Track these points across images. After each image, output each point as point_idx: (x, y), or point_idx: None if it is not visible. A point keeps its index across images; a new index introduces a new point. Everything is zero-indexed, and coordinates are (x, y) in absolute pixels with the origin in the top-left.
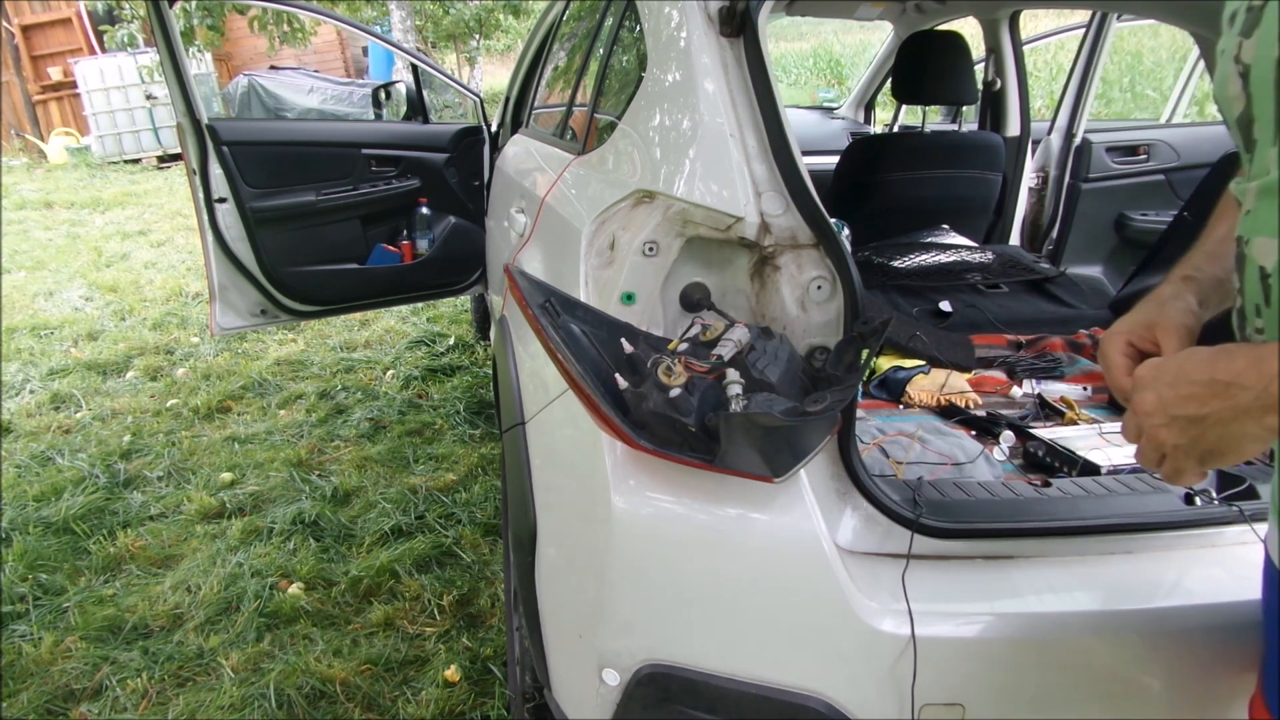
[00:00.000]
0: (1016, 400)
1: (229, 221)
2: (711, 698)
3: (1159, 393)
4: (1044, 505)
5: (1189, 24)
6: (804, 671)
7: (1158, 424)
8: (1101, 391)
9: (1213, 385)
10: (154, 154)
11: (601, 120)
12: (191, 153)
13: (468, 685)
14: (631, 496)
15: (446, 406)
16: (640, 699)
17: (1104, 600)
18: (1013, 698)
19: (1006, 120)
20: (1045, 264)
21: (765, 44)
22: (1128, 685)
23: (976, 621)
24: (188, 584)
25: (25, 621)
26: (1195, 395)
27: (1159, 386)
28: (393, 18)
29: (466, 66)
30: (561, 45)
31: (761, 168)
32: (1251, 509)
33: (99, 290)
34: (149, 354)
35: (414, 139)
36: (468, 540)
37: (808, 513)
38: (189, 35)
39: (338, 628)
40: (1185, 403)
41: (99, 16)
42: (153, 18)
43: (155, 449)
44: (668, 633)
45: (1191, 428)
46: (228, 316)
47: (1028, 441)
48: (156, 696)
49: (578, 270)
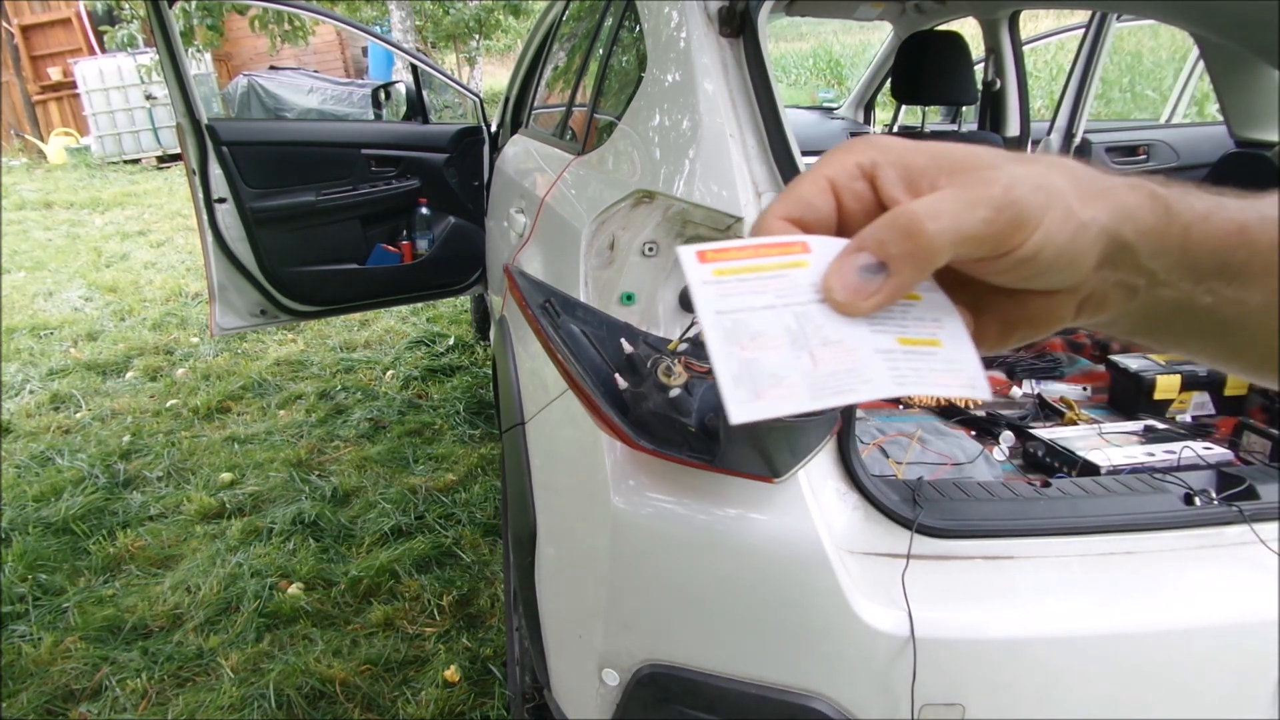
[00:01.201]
0: (1016, 400)
1: (229, 222)
2: (711, 698)
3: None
4: (1044, 505)
5: (1189, 24)
6: (803, 671)
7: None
8: (1101, 391)
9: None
10: (154, 154)
11: (601, 120)
12: (191, 153)
13: (467, 685)
14: (631, 496)
15: (446, 407)
16: (640, 699)
17: (1104, 600)
18: (1013, 698)
19: (1006, 120)
20: None
21: (765, 44)
22: (1127, 685)
23: (976, 621)
24: (187, 584)
25: (25, 621)
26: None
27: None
28: (393, 18)
29: (466, 66)
30: (561, 45)
31: (761, 168)
32: (1251, 509)
33: (99, 290)
34: (149, 354)
35: (414, 139)
36: (467, 540)
37: (807, 513)
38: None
39: (337, 628)
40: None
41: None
42: (153, 18)
43: (155, 449)
44: (667, 633)
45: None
46: (227, 317)
47: (1027, 441)
48: (156, 696)
49: (577, 270)
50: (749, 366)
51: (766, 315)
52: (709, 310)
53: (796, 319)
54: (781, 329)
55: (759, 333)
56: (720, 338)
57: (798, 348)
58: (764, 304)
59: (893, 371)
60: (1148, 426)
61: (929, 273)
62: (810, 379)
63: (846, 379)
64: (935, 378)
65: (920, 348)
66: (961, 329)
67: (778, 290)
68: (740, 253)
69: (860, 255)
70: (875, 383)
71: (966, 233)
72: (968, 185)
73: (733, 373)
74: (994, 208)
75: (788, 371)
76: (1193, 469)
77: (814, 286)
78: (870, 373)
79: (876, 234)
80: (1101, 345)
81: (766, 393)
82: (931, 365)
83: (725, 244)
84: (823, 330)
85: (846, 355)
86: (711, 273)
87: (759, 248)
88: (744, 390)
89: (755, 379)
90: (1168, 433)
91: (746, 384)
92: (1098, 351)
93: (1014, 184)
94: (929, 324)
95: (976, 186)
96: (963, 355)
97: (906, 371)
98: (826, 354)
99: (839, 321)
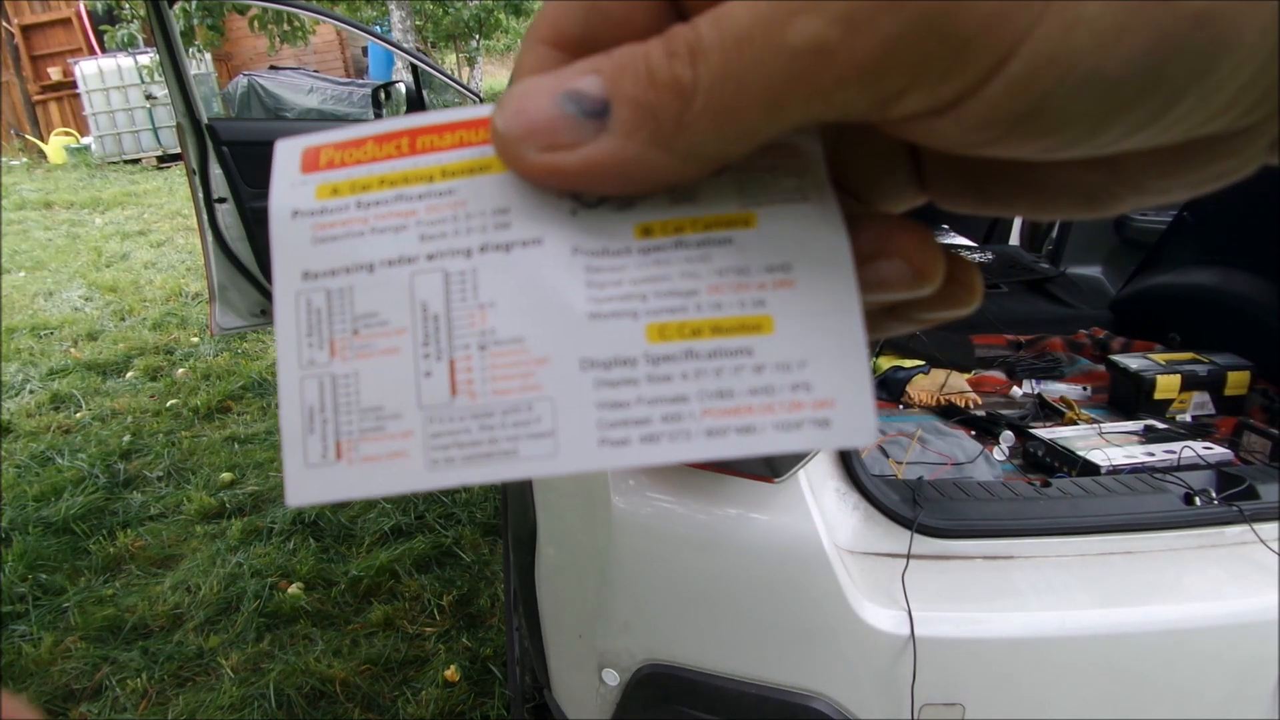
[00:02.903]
0: (1016, 400)
1: (229, 221)
2: (711, 698)
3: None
4: (1044, 505)
5: None
6: (803, 671)
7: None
8: (1101, 391)
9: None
10: (154, 154)
11: None
12: (191, 153)
13: (467, 685)
14: (631, 496)
15: None
16: (640, 699)
17: (1104, 600)
18: (1013, 698)
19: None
20: (1045, 264)
21: None
22: (1127, 685)
23: (976, 621)
24: (187, 584)
25: (25, 621)
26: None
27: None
28: (393, 18)
29: (466, 66)
30: None
31: None
32: (1251, 509)
33: (99, 290)
34: (149, 354)
35: None
36: (467, 540)
37: (807, 513)
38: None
39: (337, 628)
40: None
41: (99, 16)
42: (153, 18)
43: (155, 449)
44: (667, 633)
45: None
46: (228, 316)
47: (1027, 441)
48: (156, 696)
49: None
50: (339, 389)
51: (395, 277)
52: (289, 270)
53: (450, 284)
54: (415, 307)
55: (372, 316)
56: (294, 327)
57: (434, 349)
58: (396, 253)
59: (619, 411)
60: (1148, 426)
61: (710, 162)
62: (441, 423)
63: (514, 429)
64: (747, 418)
65: (728, 341)
66: (847, 286)
67: (431, 221)
68: (381, 145)
69: (576, 72)
70: (572, 441)
71: (820, 62)
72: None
73: (305, 402)
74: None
75: (403, 404)
76: (1193, 469)
77: (505, 211)
78: (570, 416)
79: (621, 52)
80: (1102, 345)
81: (358, 447)
82: (746, 387)
83: (359, 131)
84: (496, 308)
85: (530, 369)
86: (315, 191)
87: (419, 131)
88: (316, 441)
89: (344, 416)
90: (1168, 432)
91: (323, 427)
92: (1098, 351)
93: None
94: (759, 279)
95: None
96: (824, 356)
97: (666, 410)
98: (489, 364)
99: (533, 283)
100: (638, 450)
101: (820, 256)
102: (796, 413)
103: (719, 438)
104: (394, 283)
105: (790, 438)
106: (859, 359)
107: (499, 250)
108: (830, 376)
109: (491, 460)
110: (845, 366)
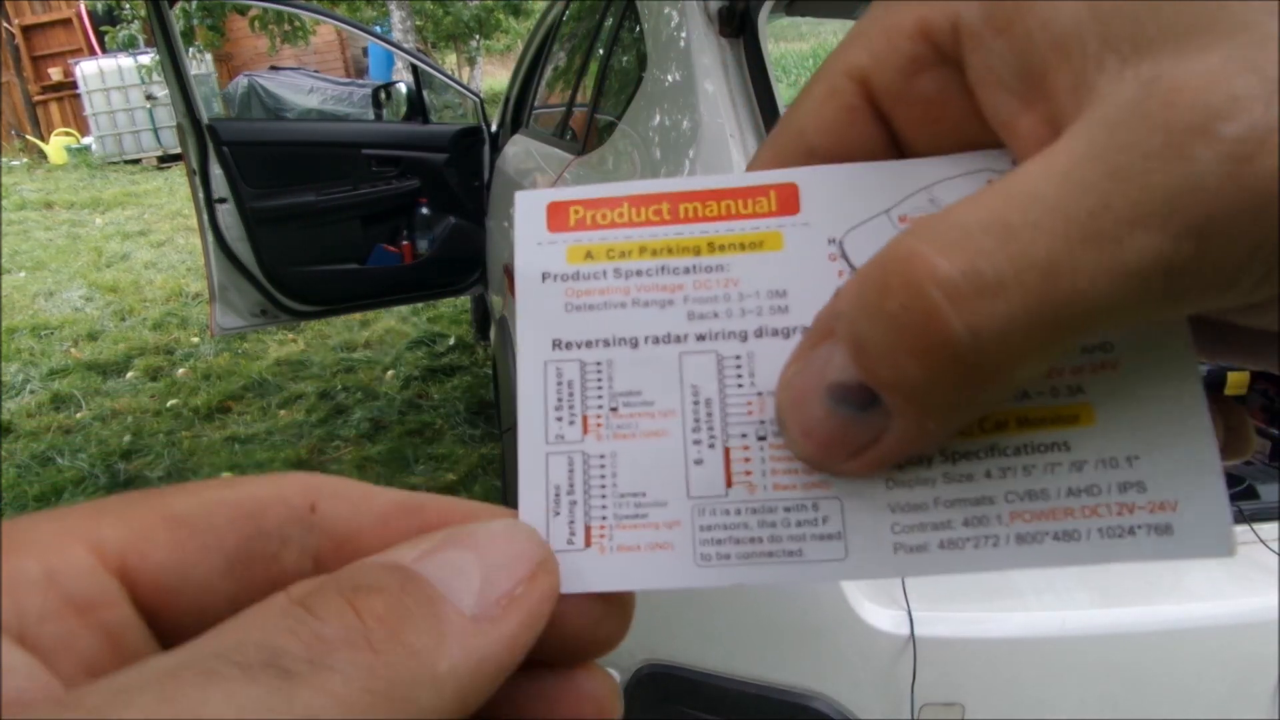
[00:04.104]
0: None
1: (229, 221)
2: (711, 697)
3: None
4: None
5: None
6: (804, 671)
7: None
8: None
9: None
10: (154, 154)
11: (601, 120)
12: (191, 153)
13: None
14: None
15: (446, 407)
16: (640, 699)
17: (1104, 600)
18: (1013, 698)
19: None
20: None
21: (765, 44)
22: (1127, 685)
23: (976, 621)
24: None
25: None
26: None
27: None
28: (393, 18)
29: (466, 66)
30: (562, 45)
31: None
32: (1251, 509)
33: (99, 290)
34: (149, 354)
35: (414, 139)
36: None
37: None
38: (189, 35)
39: None
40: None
41: (99, 16)
42: (153, 18)
43: (155, 449)
44: (667, 632)
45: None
46: (228, 316)
47: None
48: None
49: None
50: (592, 470)
51: (662, 355)
52: (537, 336)
53: (724, 368)
54: (685, 389)
55: (634, 395)
56: (541, 398)
57: (706, 435)
58: (663, 329)
59: (914, 514)
60: None
61: (988, 404)
62: (714, 515)
63: (799, 528)
64: (1066, 522)
65: (1038, 435)
66: (1185, 363)
67: (701, 299)
68: (639, 209)
69: (825, 353)
70: (864, 546)
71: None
72: (1162, 100)
73: (552, 480)
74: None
75: (670, 492)
76: None
77: (782, 294)
78: (860, 518)
79: (851, 305)
80: None
81: (613, 535)
82: (1063, 487)
83: (611, 190)
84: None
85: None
86: (566, 253)
87: (682, 196)
88: (562, 524)
89: (596, 500)
90: None
91: (570, 509)
92: None
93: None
94: (1074, 362)
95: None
96: (1160, 451)
97: (968, 513)
98: (768, 456)
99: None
100: (937, 557)
101: (1146, 329)
102: (1127, 516)
103: (1033, 545)
104: (661, 361)
105: (1121, 546)
106: (1207, 452)
107: (777, 336)
108: (1170, 474)
109: (773, 561)
110: (1189, 462)
